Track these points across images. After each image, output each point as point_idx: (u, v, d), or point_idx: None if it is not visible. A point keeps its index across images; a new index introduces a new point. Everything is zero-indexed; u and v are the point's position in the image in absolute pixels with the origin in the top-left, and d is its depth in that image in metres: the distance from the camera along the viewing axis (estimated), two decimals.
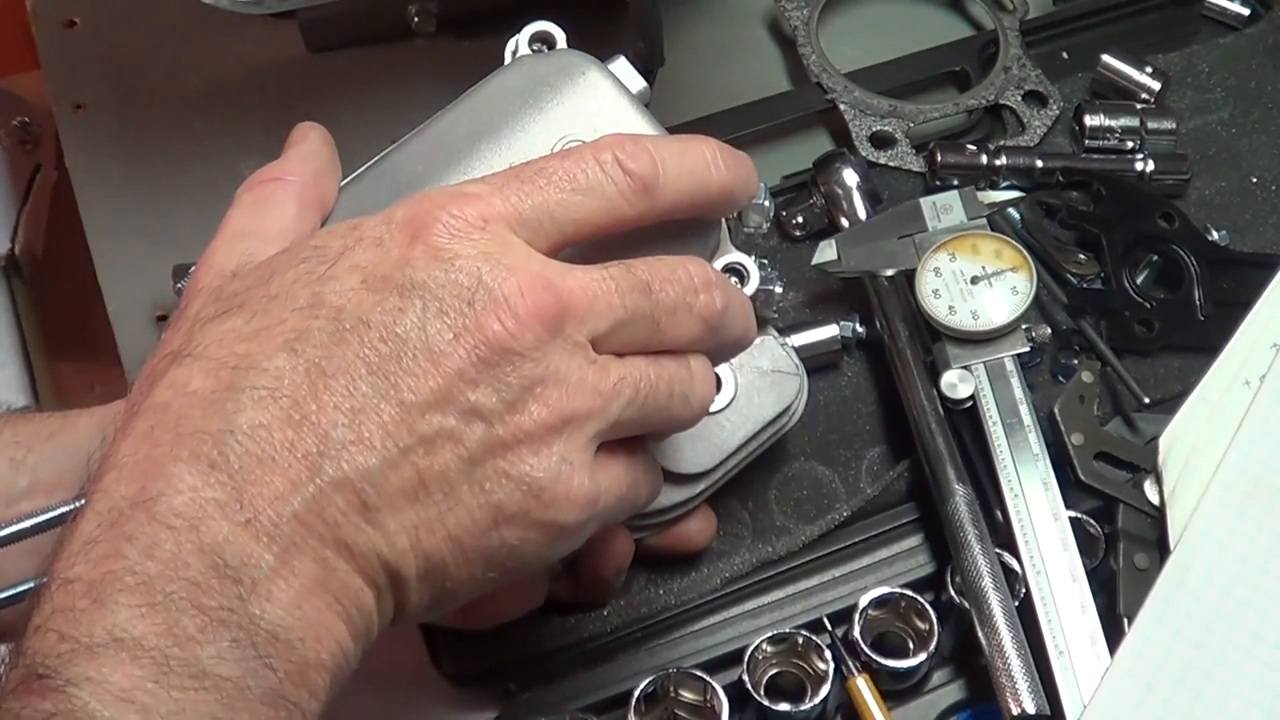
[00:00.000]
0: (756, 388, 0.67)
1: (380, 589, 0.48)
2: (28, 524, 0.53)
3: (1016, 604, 0.66)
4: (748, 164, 0.57)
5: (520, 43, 0.61)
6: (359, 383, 0.47)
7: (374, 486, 0.47)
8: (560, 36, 0.61)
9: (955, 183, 0.80)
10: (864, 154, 0.83)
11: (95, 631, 0.43)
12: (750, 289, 0.59)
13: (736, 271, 0.58)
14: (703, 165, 0.55)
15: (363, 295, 0.48)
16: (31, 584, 0.51)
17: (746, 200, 0.58)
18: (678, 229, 0.56)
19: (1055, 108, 0.85)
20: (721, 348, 0.57)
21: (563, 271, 0.51)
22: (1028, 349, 0.72)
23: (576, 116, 0.58)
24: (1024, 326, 0.72)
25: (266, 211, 0.55)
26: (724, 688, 0.65)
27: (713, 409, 0.66)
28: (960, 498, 0.68)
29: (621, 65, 0.61)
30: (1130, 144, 0.82)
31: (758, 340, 0.67)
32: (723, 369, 0.66)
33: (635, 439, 0.55)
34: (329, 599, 0.46)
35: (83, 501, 0.52)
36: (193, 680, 0.43)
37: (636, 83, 0.62)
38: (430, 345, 0.48)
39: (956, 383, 0.71)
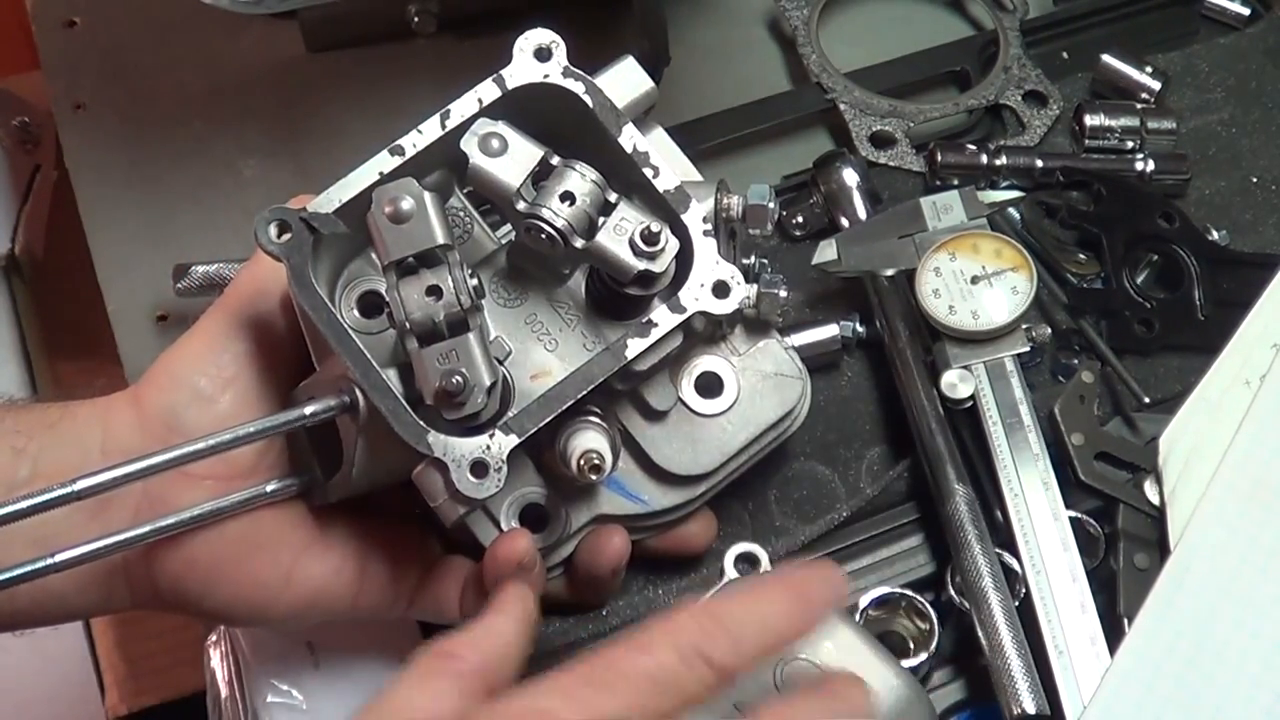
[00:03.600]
0: (759, 391, 0.67)
1: None
2: (22, 505, 0.55)
3: (1016, 604, 0.66)
4: (832, 588, 0.52)
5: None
6: None
7: None
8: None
9: (955, 182, 0.80)
10: (864, 154, 0.83)
11: None
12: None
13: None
14: (783, 627, 0.51)
15: None
16: (37, 564, 0.53)
17: None
18: None
19: (1055, 108, 0.85)
20: None
21: None
22: (1028, 349, 0.72)
23: None
24: (1024, 326, 0.72)
25: (423, 691, 0.49)
26: None
27: (714, 411, 0.66)
28: (960, 498, 0.69)
29: (629, 65, 0.60)
30: (1130, 144, 0.82)
31: (760, 343, 0.67)
32: (725, 371, 0.66)
33: None
34: None
35: (75, 485, 0.54)
36: None
37: (644, 83, 0.61)
38: None
39: (956, 383, 0.71)
